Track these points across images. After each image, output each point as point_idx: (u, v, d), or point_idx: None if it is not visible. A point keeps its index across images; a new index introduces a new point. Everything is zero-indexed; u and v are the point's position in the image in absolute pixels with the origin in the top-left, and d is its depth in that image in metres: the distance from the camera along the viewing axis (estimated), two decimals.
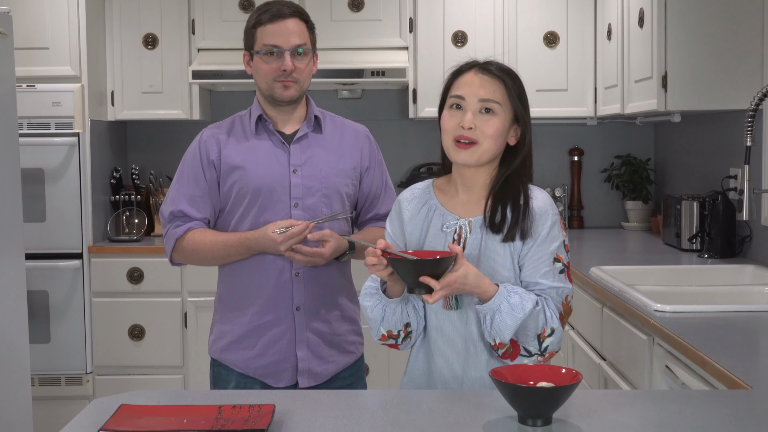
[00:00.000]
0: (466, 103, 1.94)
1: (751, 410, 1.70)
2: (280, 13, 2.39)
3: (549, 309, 1.91)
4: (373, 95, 4.93)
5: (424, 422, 1.63)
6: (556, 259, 1.95)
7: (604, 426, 1.60)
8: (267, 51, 2.39)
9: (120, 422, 1.59)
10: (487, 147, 1.94)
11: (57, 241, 4.24)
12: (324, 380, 2.48)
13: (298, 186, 2.42)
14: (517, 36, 4.48)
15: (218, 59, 4.42)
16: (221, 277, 2.54)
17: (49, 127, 4.23)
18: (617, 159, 4.85)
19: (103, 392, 4.21)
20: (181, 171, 2.50)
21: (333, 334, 2.49)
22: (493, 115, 1.94)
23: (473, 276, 1.84)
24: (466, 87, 1.95)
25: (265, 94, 2.44)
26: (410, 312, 1.96)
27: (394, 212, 2.06)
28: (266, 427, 1.55)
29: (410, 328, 1.97)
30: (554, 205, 1.99)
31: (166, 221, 2.49)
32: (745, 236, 3.48)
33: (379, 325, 1.96)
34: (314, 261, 2.37)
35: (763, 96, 2.76)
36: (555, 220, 1.96)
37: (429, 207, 2.02)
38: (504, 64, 2.00)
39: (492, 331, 1.87)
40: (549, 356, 1.95)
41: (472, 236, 1.95)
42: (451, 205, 2.00)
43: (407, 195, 2.06)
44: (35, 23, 4.24)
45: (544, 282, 1.93)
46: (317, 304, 2.46)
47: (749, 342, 2.31)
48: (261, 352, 2.45)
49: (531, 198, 1.96)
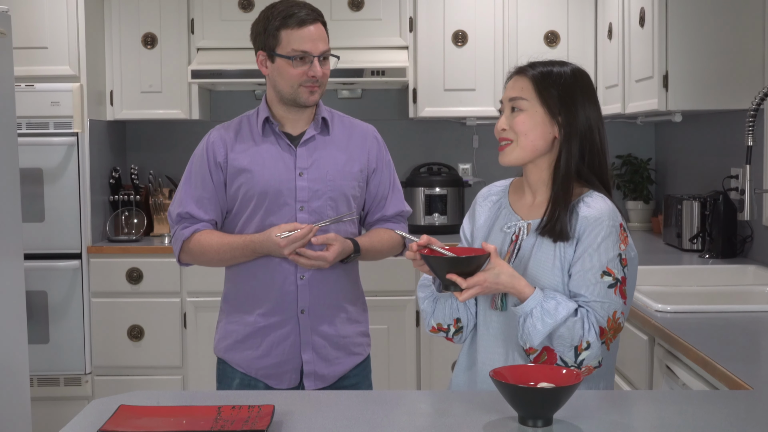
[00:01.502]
0: (503, 107, 1.99)
1: (752, 411, 1.70)
2: (307, 19, 2.39)
3: (588, 321, 1.83)
4: (373, 95, 4.92)
5: (425, 422, 1.63)
6: (606, 272, 1.85)
7: (604, 426, 1.59)
8: (298, 56, 2.38)
9: (119, 423, 1.58)
10: (522, 144, 1.93)
11: (56, 241, 4.23)
12: (330, 383, 2.48)
13: (303, 189, 2.42)
14: (518, 36, 4.48)
15: (218, 59, 4.42)
16: (228, 276, 2.54)
17: (48, 127, 4.22)
18: (618, 159, 4.84)
19: (102, 393, 4.21)
20: (189, 172, 2.51)
21: (339, 336, 2.49)
22: (520, 112, 1.94)
23: (507, 276, 1.83)
24: (505, 92, 2.00)
25: (286, 98, 2.43)
26: (461, 308, 1.98)
27: (471, 208, 2.10)
28: (266, 427, 1.55)
29: (461, 324, 1.99)
30: (615, 216, 1.89)
31: (173, 222, 2.50)
32: (746, 236, 3.47)
33: (429, 317, 2.01)
34: (318, 264, 2.37)
35: (764, 96, 2.75)
36: (611, 231, 1.87)
37: (500, 206, 2.03)
38: (555, 60, 1.98)
39: (523, 334, 1.85)
40: (586, 371, 1.70)
41: (528, 239, 1.94)
42: (519, 206, 2.01)
43: (484, 192, 2.09)
44: (34, 23, 4.23)
45: (588, 295, 1.85)
46: (323, 307, 2.46)
47: (750, 342, 2.30)
48: (264, 353, 2.46)
49: (581, 201, 1.90)
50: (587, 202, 1.89)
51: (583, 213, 1.88)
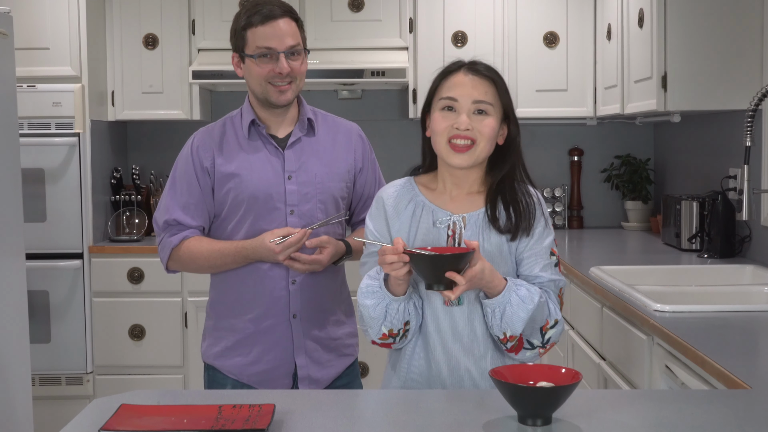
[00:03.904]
0: (459, 105, 1.95)
1: (751, 410, 1.70)
2: (272, 14, 2.33)
3: (551, 301, 1.96)
4: (373, 95, 4.93)
5: (424, 422, 1.63)
6: (551, 253, 2.00)
7: (603, 426, 1.60)
8: (261, 53, 2.33)
9: (120, 422, 1.59)
10: (483, 147, 1.95)
11: (57, 241, 4.24)
12: (324, 386, 2.47)
13: (293, 193, 2.39)
14: (517, 36, 4.48)
15: (218, 59, 4.42)
16: (213, 284, 2.51)
17: (50, 128, 4.23)
18: (617, 159, 4.85)
19: (103, 392, 4.21)
20: (173, 178, 2.46)
21: (330, 339, 2.47)
22: (486, 116, 1.95)
23: (489, 271, 1.86)
24: (458, 88, 1.96)
25: (259, 98, 2.39)
26: (411, 310, 1.95)
27: (376, 209, 2.04)
28: (266, 426, 1.55)
29: (408, 327, 1.96)
30: (543, 201, 2.05)
31: (160, 230, 2.45)
32: (744, 236, 3.48)
33: (380, 324, 1.93)
34: (313, 268, 2.36)
35: (762, 96, 2.76)
36: (547, 216, 2.02)
37: (416, 203, 2.01)
38: (489, 64, 2.01)
39: (502, 324, 1.89)
40: (549, 348, 1.98)
41: (467, 232, 1.96)
42: (441, 202, 2.01)
43: (390, 191, 2.05)
44: (36, 23, 4.24)
45: (544, 275, 1.98)
46: (314, 310, 2.44)
47: (749, 342, 2.31)
48: (256, 359, 2.43)
49: (527, 194, 2.00)
50: (529, 192, 2.01)
51: (532, 206, 1.99)
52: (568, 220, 4.84)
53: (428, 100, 2.04)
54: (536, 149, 4.86)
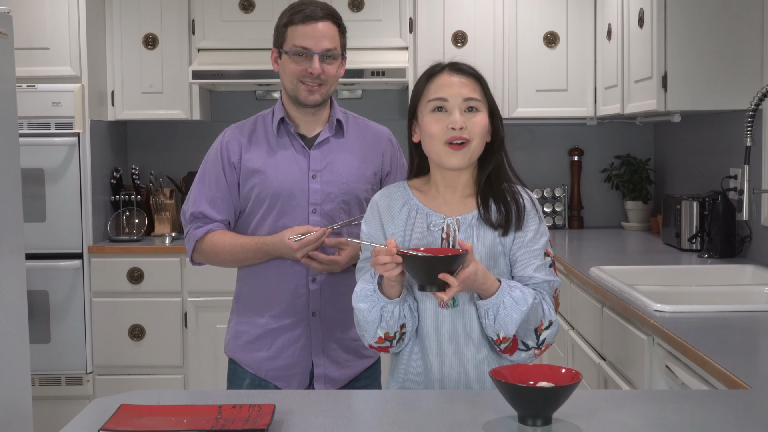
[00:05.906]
0: (450, 104, 1.95)
1: (751, 410, 1.70)
2: (314, 15, 2.38)
3: (546, 302, 1.95)
4: (373, 95, 4.93)
5: (424, 422, 1.63)
6: (545, 254, 1.99)
7: (603, 426, 1.60)
8: (296, 52, 2.38)
9: (120, 422, 1.59)
10: (476, 145, 1.95)
11: (57, 241, 4.24)
12: (340, 386, 2.48)
13: (316, 192, 2.41)
14: (517, 36, 4.49)
15: (218, 59, 4.42)
16: (240, 277, 2.54)
17: (50, 127, 4.23)
18: (617, 159, 4.85)
19: (103, 392, 4.22)
20: (203, 171, 2.49)
21: (350, 339, 2.48)
22: (477, 113, 1.96)
23: (482, 272, 1.86)
24: (446, 88, 1.95)
25: (290, 95, 2.43)
26: (406, 313, 1.94)
27: (371, 213, 2.05)
28: (266, 427, 1.55)
29: (404, 329, 1.95)
30: (537, 202, 2.06)
31: (186, 222, 2.49)
32: (744, 236, 3.48)
33: (376, 327, 1.93)
34: (330, 268, 2.37)
35: (762, 96, 2.76)
36: (541, 216, 2.02)
37: (410, 207, 2.01)
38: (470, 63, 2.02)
39: (496, 325, 1.89)
40: (545, 349, 1.98)
41: (461, 234, 1.96)
42: (435, 205, 2.01)
43: (384, 196, 2.05)
44: (35, 23, 4.24)
45: (538, 276, 1.97)
46: (334, 310, 2.45)
47: (749, 342, 2.31)
48: (275, 354, 2.45)
49: (518, 193, 2.00)
50: (519, 191, 2.01)
51: (521, 202, 1.99)
52: (568, 220, 4.84)
53: (413, 106, 2.02)
54: (536, 149, 4.86)
